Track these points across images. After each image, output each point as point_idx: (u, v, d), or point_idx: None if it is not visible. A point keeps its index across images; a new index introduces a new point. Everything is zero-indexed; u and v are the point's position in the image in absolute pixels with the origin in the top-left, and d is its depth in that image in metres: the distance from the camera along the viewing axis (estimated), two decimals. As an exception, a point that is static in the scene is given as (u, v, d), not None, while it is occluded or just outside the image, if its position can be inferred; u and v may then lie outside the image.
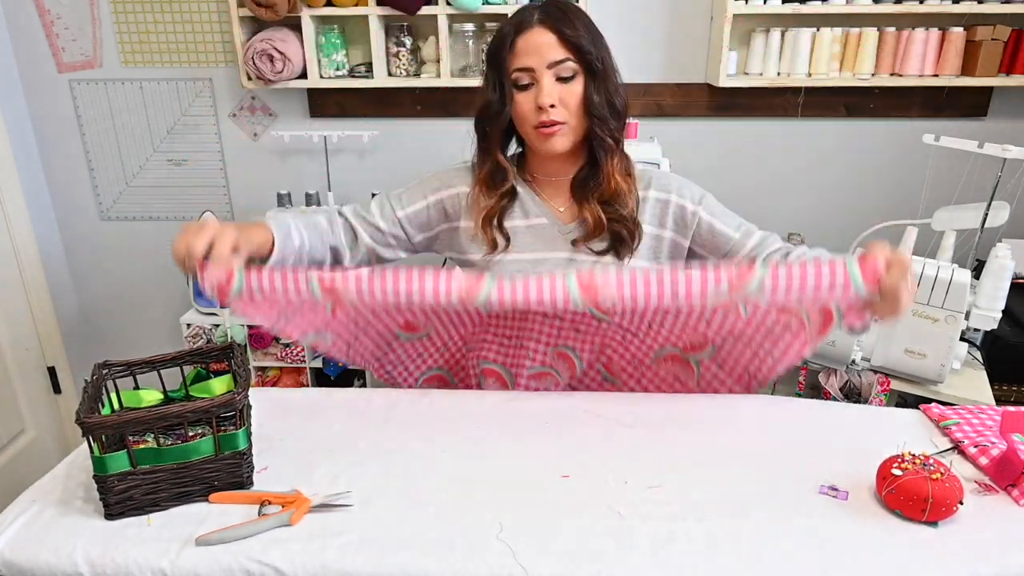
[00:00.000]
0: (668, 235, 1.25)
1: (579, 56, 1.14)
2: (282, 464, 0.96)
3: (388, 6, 2.00)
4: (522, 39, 1.15)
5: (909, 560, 0.77)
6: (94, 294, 2.59)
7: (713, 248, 1.25)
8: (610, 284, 0.94)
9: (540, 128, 1.16)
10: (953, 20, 2.00)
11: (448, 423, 1.08)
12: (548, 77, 1.14)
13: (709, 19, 2.12)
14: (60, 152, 2.39)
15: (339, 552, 0.79)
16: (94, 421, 0.83)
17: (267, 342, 2.20)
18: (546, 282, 0.97)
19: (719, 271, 0.93)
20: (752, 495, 0.88)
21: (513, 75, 1.16)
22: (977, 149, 1.64)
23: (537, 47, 1.14)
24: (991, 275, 1.58)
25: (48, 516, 0.87)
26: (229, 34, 2.19)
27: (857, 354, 1.60)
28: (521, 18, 1.16)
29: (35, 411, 2.36)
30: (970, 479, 0.90)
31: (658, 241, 1.25)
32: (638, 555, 0.78)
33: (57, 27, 2.22)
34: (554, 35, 1.14)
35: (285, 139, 2.27)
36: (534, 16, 1.15)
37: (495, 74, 1.19)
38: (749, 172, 2.28)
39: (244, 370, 0.95)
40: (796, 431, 1.05)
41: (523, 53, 1.15)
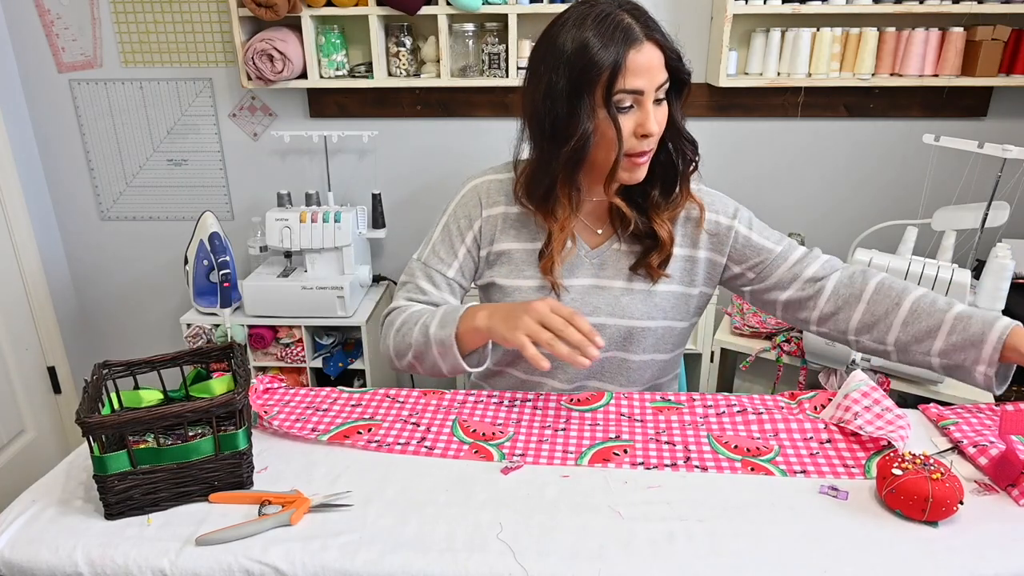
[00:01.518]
0: (703, 255, 1.20)
1: (672, 74, 1.06)
2: (282, 464, 0.96)
3: (388, 6, 2.00)
4: (634, 57, 1.00)
5: (909, 560, 0.77)
6: (94, 294, 2.59)
7: (751, 264, 1.19)
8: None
9: (635, 157, 1.07)
10: (953, 20, 2.00)
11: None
12: (651, 101, 1.04)
13: (709, 19, 2.12)
14: (60, 152, 2.39)
15: (339, 552, 0.79)
16: (94, 421, 0.82)
17: (267, 342, 2.20)
18: (559, 445, 0.99)
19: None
20: (752, 495, 0.88)
21: (617, 97, 1.02)
22: (977, 149, 1.64)
23: (649, 68, 1.01)
24: (991, 275, 1.58)
25: (48, 516, 0.87)
26: (229, 34, 2.19)
27: (857, 354, 1.60)
28: (625, 31, 1.00)
29: (35, 411, 2.36)
30: (970, 479, 0.90)
31: (692, 263, 1.20)
32: (638, 555, 0.78)
33: (57, 27, 2.22)
34: (661, 54, 1.03)
35: (285, 139, 2.27)
36: (637, 29, 1.01)
37: (587, 95, 1.03)
38: (749, 172, 2.28)
39: (244, 370, 0.95)
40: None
41: (635, 73, 1.01)
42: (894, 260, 1.55)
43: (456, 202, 1.24)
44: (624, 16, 1.02)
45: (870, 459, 0.95)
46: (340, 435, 1.02)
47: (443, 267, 1.22)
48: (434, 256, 1.23)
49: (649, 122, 1.04)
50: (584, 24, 1.02)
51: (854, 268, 1.16)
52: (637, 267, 1.19)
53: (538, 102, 1.07)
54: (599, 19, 1.02)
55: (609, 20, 1.01)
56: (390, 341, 1.18)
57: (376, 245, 2.44)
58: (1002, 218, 1.68)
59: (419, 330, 1.12)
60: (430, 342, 1.10)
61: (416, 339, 1.12)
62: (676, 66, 1.06)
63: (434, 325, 1.10)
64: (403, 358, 1.17)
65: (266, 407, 1.10)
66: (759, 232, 1.20)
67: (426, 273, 1.22)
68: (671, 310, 1.21)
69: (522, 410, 1.09)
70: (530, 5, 2.00)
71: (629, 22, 1.01)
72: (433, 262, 1.22)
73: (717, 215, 1.20)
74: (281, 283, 2.15)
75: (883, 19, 2.03)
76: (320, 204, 2.22)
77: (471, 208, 1.22)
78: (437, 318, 1.11)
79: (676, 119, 1.11)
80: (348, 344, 2.33)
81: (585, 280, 1.20)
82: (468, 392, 1.15)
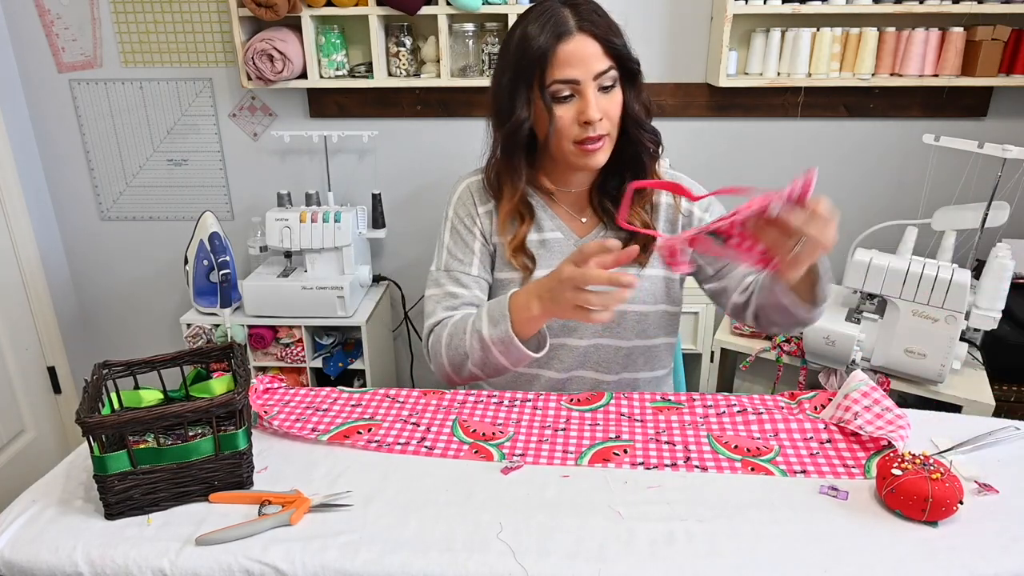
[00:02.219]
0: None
1: (620, 63, 1.08)
2: (282, 464, 0.96)
3: (388, 6, 2.00)
4: (563, 48, 1.05)
5: (909, 560, 0.77)
6: (94, 294, 2.59)
7: (712, 259, 1.23)
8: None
9: (584, 144, 1.10)
10: (953, 20, 2.00)
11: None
12: (592, 89, 1.06)
13: (709, 19, 2.12)
14: (60, 152, 2.39)
15: (339, 552, 0.79)
16: (94, 421, 0.82)
17: (267, 342, 2.20)
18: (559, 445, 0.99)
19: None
20: (752, 495, 0.88)
21: (552, 87, 1.07)
22: (977, 149, 1.64)
23: (581, 58, 1.05)
24: (991, 275, 1.58)
25: (48, 516, 0.87)
26: (229, 34, 2.19)
27: (857, 354, 1.60)
28: (556, 23, 1.05)
29: (35, 411, 2.36)
30: (970, 479, 0.90)
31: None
32: (638, 555, 0.78)
33: (57, 27, 2.22)
34: (598, 44, 1.06)
35: (285, 139, 2.27)
36: (570, 22, 1.05)
37: (524, 87, 1.09)
38: (749, 172, 2.28)
39: (244, 370, 0.96)
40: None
41: (565, 64, 1.05)
42: (894, 260, 1.55)
43: (454, 204, 1.26)
44: (561, 9, 1.07)
45: (870, 459, 0.95)
46: (340, 435, 1.02)
47: (465, 267, 1.23)
48: (453, 259, 1.23)
49: (588, 110, 1.06)
50: (526, 20, 1.10)
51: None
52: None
53: (491, 96, 1.15)
54: (537, 14, 1.08)
55: (545, 14, 1.07)
56: (443, 358, 1.15)
57: (376, 245, 2.44)
58: (1002, 218, 1.68)
59: (471, 338, 1.10)
60: (487, 345, 1.08)
61: (471, 347, 1.10)
62: (621, 55, 1.08)
63: (485, 327, 1.08)
64: (462, 369, 1.14)
65: (266, 407, 1.10)
66: None
67: (452, 278, 1.22)
68: (657, 293, 1.24)
69: (522, 410, 1.09)
70: (530, 5, 2.00)
71: (564, 14, 1.06)
72: (454, 265, 1.23)
73: (691, 204, 1.23)
74: (281, 283, 2.15)
75: (883, 19, 2.03)
76: (320, 204, 2.22)
77: (468, 206, 1.24)
78: (485, 320, 1.09)
79: (631, 109, 1.12)
80: (348, 344, 2.33)
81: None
82: (468, 392, 1.15)
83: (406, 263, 2.49)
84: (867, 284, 1.57)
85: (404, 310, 2.53)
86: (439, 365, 1.18)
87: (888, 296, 1.56)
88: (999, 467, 0.93)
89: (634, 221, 1.18)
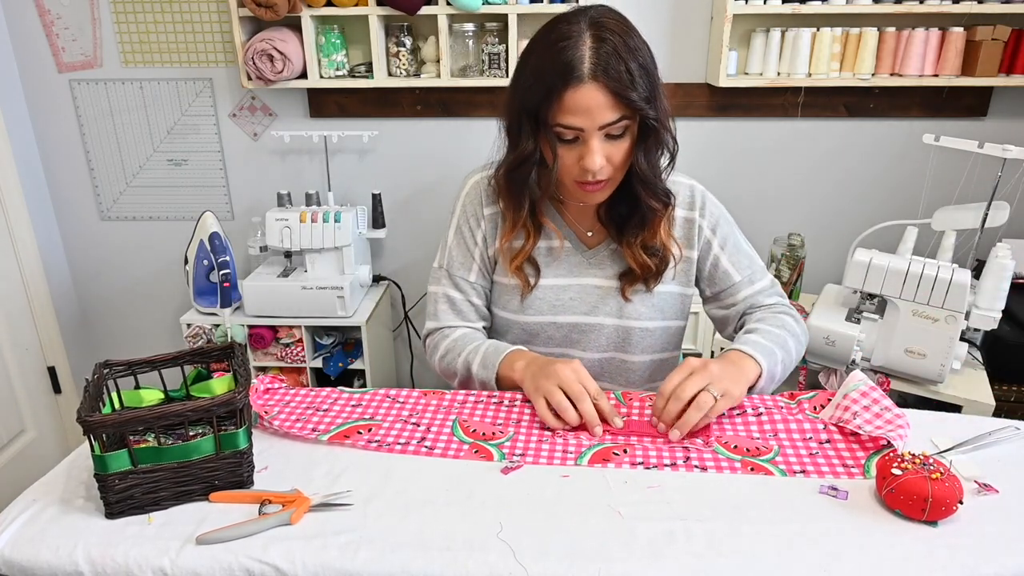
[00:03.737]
0: (694, 255, 1.22)
1: (633, 114, 1.02)
2: (282, 464, 0.96)
3: (388, 6, 2.00)
4: (570, 95, 0.98)
5: (909, 560, 0.77)
6: (94, 294, 2.59)
7: (710, 281, 1.23)
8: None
9: (584, 185, 1.07)
10: (953, 20, 2.00)
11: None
12: (597, 138, 1.01)
13: (709, 19, 2.12)
14: (60, 152, 2.39)
15: (339, 551, 0.79)
16: (95, 420, 0.83)
17: (267, 342, 2.20)
18: (559, 445, 1.00)
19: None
20: (752, 495, 0.88)
21: (556, 130, 1.03)
22: (977, 149, 1.64)
23: (588, 108, 0.99)
24: (991, 275, 1.58)
25: (49, 515, 0.87)
26: (229, 34, 2.19)
27: (857, 354, 1.60)
28: (569, 65, 0.98)
29: (35, 411, 2.36)
30: (970, 479, 0.90)
31: (688, 263, 1.22)
32: (638, 555, 0.78)
33: (57, 27, 2.22)
34: (609, 95, 0.98)
35: (285, 139, 2.27)
36: (584, 65, 0.97)
37: (530, 118, 1.04)
38: (749, 172, 2.28)
39: (244, 370, 0.96)
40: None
41: (571, 111, 0.99)
42: (894, 260, 1.55)
43: (461, 202, 1.26)
44: (581, 46, 0.98)
45: (869, 459, 0.95)
46: (340, 435, 1.02)
47: (464, 272, 1.25)
48: (454, 262, 1.26)
49: (588, 158, 1.02)
50: (547, 40, 1.02)
51: (769, 311, 1.21)
52: (624, 277, 1.20)
53: (504, 104, 1.11)
54: (555, 44, 0.99)
55: (562, 50, 0.98)
56: (435, 364, 1.27)
57: (376, 245, 2.44)
58: (1002, 218, 1.68)
59: (462, 364, 1.19)
60: (472, 378, 1.18)
61: (460, 370, 1.20)
62: (637, 107, 1.00)
63: (476, 364, 1.17)
64: (449, 378, 1.25)
65: (266, 407, 1.10)
66: (731, 254, 1.22)
67: (452, 281, 1.26)
68: (669, 310, 1.23)
69: (522, 410, 1.09)
70: (530, 5, 2.00)
71: (580, 56, 0.97)
72: (455, 268, 1.25)
73: (703, 219, 1.22)
74: (281, 283, 2.15)
75: (883, 19, 2.03)
76: (320, 204, 2.22)
77: (475, 207, 1.24)
78: (479, 357, 1.17)
79: (638, 165, 1.06)
80: (348, 344, 2.33)
81: (584, 280, 1.21)
82: (468, 392, 1.15)
83: (406, 263, 2.49)
84: (867, 284, 1.57)
85: (404, 310, 2.53)
86: (432, 365, 1.29)
87: (888, 296, 1.56)
88: (999, 467, 0.93)
89: (627, 258, 1.19)
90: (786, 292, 2.10)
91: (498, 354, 1.15)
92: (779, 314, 1.19)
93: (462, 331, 1.25)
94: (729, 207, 1.28)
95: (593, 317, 1.20)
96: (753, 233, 1.42)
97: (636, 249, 1.17)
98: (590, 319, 1.20)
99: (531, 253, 1.20)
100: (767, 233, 2.21)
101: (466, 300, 1.26)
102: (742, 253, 1.23)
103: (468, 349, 1.20)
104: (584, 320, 1.21)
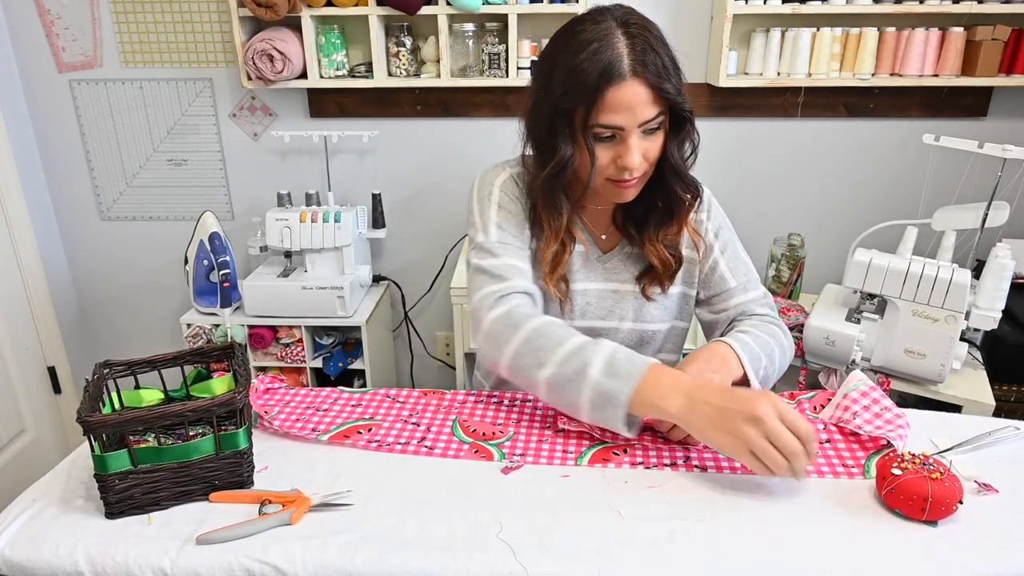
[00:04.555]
0: (697, 256, 1.22)
1: (667, 108, 1.01)
2: (282, 464, 0.96)
3: (388, 6, 2.00)
4: (613, 93, 0.97)
5: (909, 560, 0.77)
6: (94, 294, 2.59)
7: (706, 284, 1.23)
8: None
9: (618, 183, 1.05)
10: (953, 20, 2.00)
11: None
12: (636, 135, 1.00)
13: (709, 19, 2.12)
14: (60, 152, 2.39)
15: (339, 551, 0.79)
16: (95, 420, 0.83)
17: (267, 342, 2.20)
18: (559, 445, 0.99)
19: None
20: (752, 495, 0.88)
21: (595, 130, 1.01)
22: (977, 149, 1.64)
23: (630, 105, 0.98)
24: (991, 275, 1.58)
25: (49, 515, 0.87)
26: (229, 34, 2.19)
27: (857, 354, 1.60)
28: (610, 64, 0.96)
29: (35, 411, 2.36)
30: (970, 479, 0.90)
31: (691, 264, 1.22)
32: (638, 555, 0.78)
33: (57, 27, 2.22)
34: (650, 90, 0.98)
35: (285, 139, 2.27)
36: (624, 62, 0.96)
37: (566, 121, 1.02)
38: (749, 172, 2.28)
39: (244, 370, 0.96)
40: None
41: (613, 110, 0.98)
42: (894, 260, 1.55)
43: (499, 185, 1.16)
44: (617, 44, 0.97)
45: (869, 459, 0.95)
46: (340, 435, 1.02)
47: (519, 242, 1.13)
48: (506, 233, 1.12)
49: (628, 157, 1.01)
50: (574, 46, 0.99)
51: (761, 319, 1.19)
52: (643, 278, 1.20)
53: (530, 110, 1.08)
54: (586, 44, 0.98)
55: (599, 43, 0.97)
56: (508, 346, 1.01)
57: (376, 245, 2.44)
58: (1002, 218, 1.68)
59: (569, 359, 0.96)
60: (583, 384, 0.94)
61: (559, 364, 0.96)
62: (671, 101, 1.01)
63: (597, 368, 0.94)
64: (520, 372, 1.01)
65: (266, 407, 1.10)
66: (729, 259, 1.21)
67: (508, 251, 1.10)
68: (677, 311, 1.24)
69: (522, 410, 1.09)
70: (530, 5, 2.00)
71: (618, 53, 0.97)
72: (509, 239, 1.12)
73: (708, 221, 1.22)
74: (281, 283, 2.15)
75: (883, 19, 2.03)
76: (320, 204, 2.22)
77: (515, 192, 1.16)
78: (602, 359, 0.94)
79: (671, 157, 1.06)
80: (348, 344, 2.33)
81: (599, 284, 1.21)
82: (468, 392, 1.15)
83: (406, 263, 2.49)
84: (867, 284, 1.57)
85: (404, 310, 2.53)
86: (496, 347, 1.02)
87: (888, 296, 1.56)
88: (999, 467, 0.93)
89: (651, 256, 1.17)
90: (786, 292, 2.10)
91: (636, 364, 0.94)
92: (769, 324, 1.18)
93: (559, 321, 1.04)
94: (729, 207, 1.29)
95: (609, 321, 1.20)
96: (753, 233, 1.43)
97: (659, 246, 1.16)
98: (606, 323, 1.21)
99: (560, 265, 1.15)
100: (767, 233, 2.21)
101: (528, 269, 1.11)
102: (740, 260, 1.23)
103: (574, 342, 0.98)
104: (600, 324, 1.21)
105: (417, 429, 1.04)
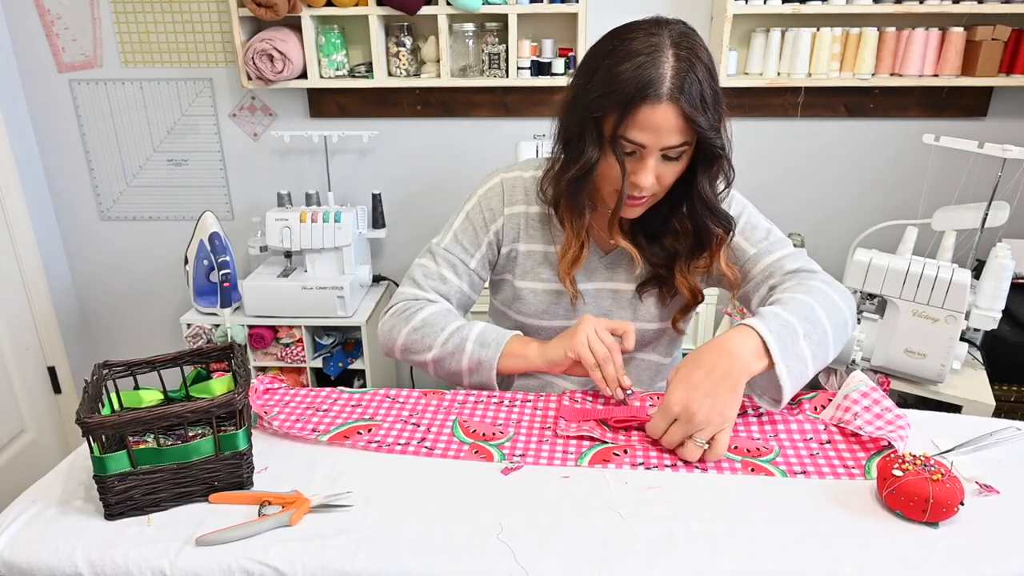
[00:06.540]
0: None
1: (694, 139, 1.01)
2: (282, 464, 0.96)
3: (388, 6, 2.00)
4: (645, 112, 0.96)
5: (909, 561, 0.77)
6: (94, 294, 2.59)
7: (727, 265, 1.19)
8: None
9: (628, 199, 1.06)
10: (953, 20, 2.00)
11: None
12: (655, 158, 1.00)
13: (709, 19, 2.12)
14: (60, 152, 2.39)
15: (339, 552, 0.79)
16: (94, 421, 0.82)
17: (267, 342, 2.20)
18: (559, 446, 0.99)
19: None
20: (752, 496, 0.88)
21: (620, 142, 1.01)
22: (977, 149, 1.64)
23: (658, 128, 0.97)
24: (991, 275, 1.58)
25: (48, 516, 0.87)
26: (229, 34, 2.19)
27: (857, 354, 1.60)
28: (651, 80, 0.95)
29: (35, 411, 2.36)
30: (971, 480, 0.90)
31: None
32: (638, 555, 0.78)
33: (57, 27, 2.22)
34: (681, 119, 0.97)
35: (285, 139, 2.27)
36: (665, 84, 0.95)
37: (595, 123, 1.02)
38: (749, 172, 2.27)
39: (244, 370, 0.95)
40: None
41: (640, 127, 0.98)
42: (894, 260, 1.55)
43: (481, 193, 1.22)
44: (662, 63, 0.96)
45: (870, 460, 0.95)
46: (340, 435, 1.02)
47: (466, 256, 1.20)
48: (457, 244, 1.21)
49: (641, 175, 1.01)
50: (623, 52, 0.98)
51: (794, 277, 1.13)
52: (645, 287, 1.19)
53: (566, 104, 1.07)
54: (635, 54, 0.97)
55: (643, 64, 0.96)
56: (400, 335, 1.18)
57: (376, 245, 2.44)
58: (1002, 218, 1.68)
59: (449, 338, 1.14)
60: (462, 356, 1.13)
61: (441, 345, 1.14)
62: (706, 135, 0.99)
63: (472, 342, 1.12)
64: (413, 355, 1.18)
65: (266, 407, 1.10)
66: (747, 231, 1.19)
67: (448, 261, 1.21)
68: (675, 311, 1.23)
69: (522, 410, 1.09)
70: (530, 5, 2.00)
71: (661, 74, 0.95)
72: (456, 250, 1.21)
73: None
74: (281, 283, 2.15)
75: (883, 19, 2.03)
76: (320, 204, 2.22)
77: (495, 202, 1.20)
78: (474, 335, 1.13)
79: (702, 191, 1.06)
80: (348, 344, 2.33)
81: (599, 284, 1.21)
82: (468, 392, 1.15)
83: (406, 263, 2.49)
84: (867, 284, 1.57)
85: (404, 310, 2.53)
86: (389, 338, 1.20)
87: (888, 296, 1.56)
88: (1000, 468, 0.93)
89: (680, 286, 1.18)
90: (786, 292, 2.09)
91: (501, 334, 1.13)
92: (805, 279, 1.11)
93: (445, 307, 1.19)
94: (729, 207, 1.28)
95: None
96: (753, 233, 1.42)
97: (689, 277, 1.16)
98: None
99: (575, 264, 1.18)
100: (767, 233, 2.21)
101: (459, 288, 1.21)
102: (758, 228, 1.20)
103: (453, 325, 1.14)
104: None
105: (417, 429, 1.04)
